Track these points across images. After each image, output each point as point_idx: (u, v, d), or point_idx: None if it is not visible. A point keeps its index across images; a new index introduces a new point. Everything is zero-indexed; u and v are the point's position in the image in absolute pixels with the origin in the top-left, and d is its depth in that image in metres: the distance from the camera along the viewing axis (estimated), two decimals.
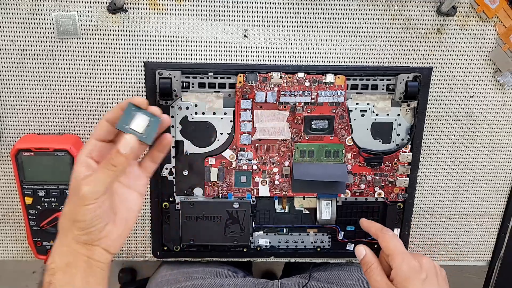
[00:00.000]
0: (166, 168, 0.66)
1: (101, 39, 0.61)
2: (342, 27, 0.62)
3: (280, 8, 0.61)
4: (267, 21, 0.61)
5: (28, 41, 0.60)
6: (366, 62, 0.64)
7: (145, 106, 0.46)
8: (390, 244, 0.56)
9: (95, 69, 0.62)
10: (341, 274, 0.73)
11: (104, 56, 0.62)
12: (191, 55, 0.62)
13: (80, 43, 0.61)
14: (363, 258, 0.58)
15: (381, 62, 0.64)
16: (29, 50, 0.61)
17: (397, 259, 0.54)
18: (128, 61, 0.62)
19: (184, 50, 0.62)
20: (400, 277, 0.53)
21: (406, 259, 0.54)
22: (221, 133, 0.65)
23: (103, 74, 0.62)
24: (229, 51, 0.62)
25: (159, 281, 0.72)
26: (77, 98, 0.63)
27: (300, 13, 0.61)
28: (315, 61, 0.63)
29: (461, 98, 0.66)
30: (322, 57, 0.63)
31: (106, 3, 0.59)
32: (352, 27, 0.62)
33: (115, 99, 0.63)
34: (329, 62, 0.63)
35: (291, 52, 0.63)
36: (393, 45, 0.63)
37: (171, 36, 0.61)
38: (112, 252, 0.48)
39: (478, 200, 0.71)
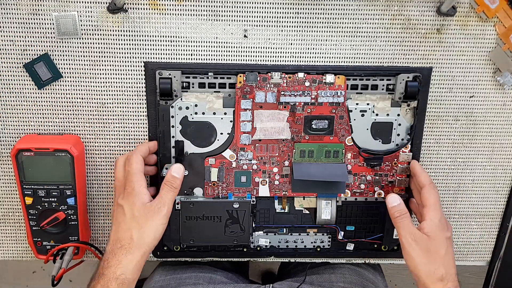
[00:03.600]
0: (166, 168, 0.66)
1: (101, 39, 0.61)
2: (342, 27, 0.62)
3: (280, 8, 0.61)
4: (267, 21, 0.61)
5: (28, 41, 0.60)
6: (366, 62, 0.64)
7: None
8: (433, 198, 0.60)
9: (95, 69, 0.62)
10: (332, 277, 0.73)
11: (104, 56, 0.62)
12: (191, 55, 0.62)
13: (80, 43, 0.61)
14: (397, 206, 0.61)
15: (381, 62, 0.64)
16: (29, 50, 0.61)
17: (434, 212, 0.60)
18: (128, 61, 0.62)
19: (184, 50, 0.62)
20: (433, 226, 0.59)
21: (441, 214, 0.60)
22: (221, 133, 0.65)
23: (103, 74, 0.62)
24: (229, 51, 0.62)
25: (152, 286, 0.72)
26: (77, 98, 0.63)
27: (300, 13, 0.61)
28: (315, 61, 0.63)
29: (461, 98, 0.66)
30: (322, 57, 0.63)
31: (106, 3, 0.59)
32: (352, 27, 0.62)
33: (115, 99, 0.63)
34: (329, 62, 0.64)
35: (291, 52, 0.63)
36: (393, 45, 0.63)
37: (171, 36, 0.61)
38: None
39: (478, 200, 0.71)
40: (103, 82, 0.63)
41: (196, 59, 0.63)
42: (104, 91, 0.63)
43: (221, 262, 0.79)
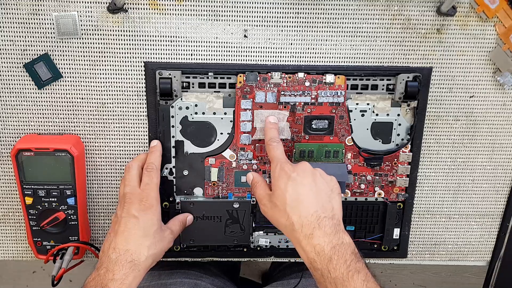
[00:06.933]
0: (166, 168, 0.66)
1: (101, 39, 0.61)
2: (342, 27, 0.62)
3: (280, 8, 0.61)
4: (267, 21, 0.61)
5: (28, 41, 0.60)
6: (366, 62, 0.64)
7: None
8: (270, 153, 0.59)
9: (95, 69, 0.62)
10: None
11: (104, 56, 0.62)
12: (191, 55, 0.62)
13: (80, 43, 0.61)
14: (251, 181, 0.61)
15: (381, 62, 0.64)
16: (29, 50, 0.61)
17: (273, 164, 0.58)
18: (128, 61, 0.62)
19: (184, 50, 0.62)
20: (273, 179, 0.57)
21: (281, 162, 0.57)
22: (221, 133, 0.65)
23: (103, 74, 0.62)
24: (229, 51, 0.62)
25: None
26: (77, 98, 0.63)
27: (300, 13, 0.61)
28: (315, 61, 0.63)
29: (461, 98, 0.66)
30: (322, 57, 0.63)
31: (106, 3, 0.59)
32: (352, 27, 0.62)
33: (115, 99, 0.63)
34: (329, 62, 0.64)
35: (291, 52, 0.63)
36: (393, 45, 0.63)
37: (171, 36, 0.61)
38: None
39: (478, 200, 0.71)
40: (103, 82, 0.63)
41: (196, 59, 0.63)
42: (104, 91, 0.63)
43: (209, 267, 0.78)
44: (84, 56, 0.61)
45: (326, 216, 0.53)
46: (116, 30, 0.61)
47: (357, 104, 0.65)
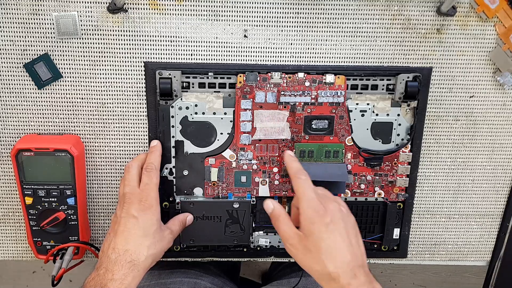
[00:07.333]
0: (166, 168, 0.66)
1: (101, 39, 0.61)
2: (342, 27, 0.62)
3: (280, 8, 0.61)
4: (267, 21, 0.61)
5: (28, 41, 0.60)
6: (366, 62, 0.64)
7: None
8: (299, 189, 0.56)
9: (95, 69, 0.62)
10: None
11: (104, 56, 0.62)
12: (191, 55, 0.62)
13: (80, 43, 0.61)
14: (272, 212, 0.58)
15: (381, 62, 0.64)
16: (29, 50, 0.61)
17: (303, 203, 0.55)
18: (128, 61, 0.62)
19: (184, 50, 0.62)
20: (305, 221, 0.54)
21: (312, 203, 0.54)
22: (221, 133, 0.65)
23: (103, 74, 0.62)
24: (229, 51, 0.62)
25: None
26: (77, 98, 0.63)
27: (300, 13, 0.61)
28: (315, 61, 0.63)
29: (461, 98, 0.66)
30: (322, 57, 0.63)
31: (106, 3, 0.59)
32: (352, 27, 0.62)
33: (115, 99, 0.63)
34: (329, 62, 0.64)
35: (291, 52, 0.63)
36: (393, 45, 0.63)
37: (171, 36, 0.61)
38: None
39: (478, 200, 0.71)
40: (103, 82, 0.63)
41: (196, 59, 0.63)
42: (104, 91, 0.63)
43: (209, 267, 0.78)
44: (84, 56, 0.61)
45: (359, 264, 0.53)
46: (116, 30, 0.61)
47: (357, 104, 0.65)
